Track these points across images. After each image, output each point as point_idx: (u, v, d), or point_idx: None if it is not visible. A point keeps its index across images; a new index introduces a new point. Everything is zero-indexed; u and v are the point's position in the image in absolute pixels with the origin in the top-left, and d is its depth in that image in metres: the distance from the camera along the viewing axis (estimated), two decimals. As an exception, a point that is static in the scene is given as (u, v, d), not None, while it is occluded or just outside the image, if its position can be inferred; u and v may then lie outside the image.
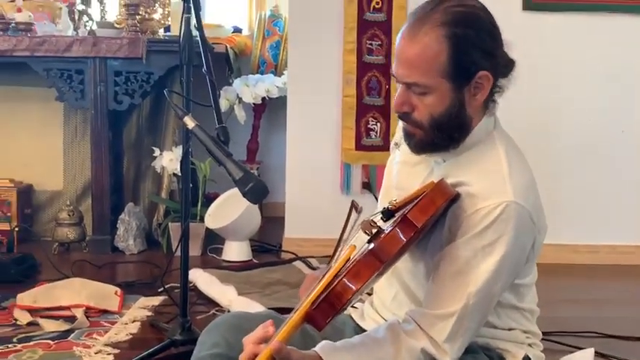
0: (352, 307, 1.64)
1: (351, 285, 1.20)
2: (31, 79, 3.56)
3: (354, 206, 1.38)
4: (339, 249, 1.38)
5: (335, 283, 1.21)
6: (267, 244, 3.56)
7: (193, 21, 2.01)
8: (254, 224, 3.36)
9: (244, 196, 1.58)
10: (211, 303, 2.64)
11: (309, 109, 3.43)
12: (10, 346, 2.17)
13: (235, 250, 3.31)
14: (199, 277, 2.77)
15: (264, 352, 1.20)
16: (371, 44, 3.37)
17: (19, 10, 3.45)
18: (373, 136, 3.42)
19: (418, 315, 1.34)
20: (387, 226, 1.30)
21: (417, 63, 1.31)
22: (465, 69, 1.32)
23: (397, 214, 1.33)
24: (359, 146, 3.42)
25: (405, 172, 1.51)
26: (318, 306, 1.21)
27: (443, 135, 1.35)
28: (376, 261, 1.21)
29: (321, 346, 1.30)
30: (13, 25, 3.39)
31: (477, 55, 1.32)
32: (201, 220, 3.33)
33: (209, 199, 3.47)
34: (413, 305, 1.45)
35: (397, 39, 1.36)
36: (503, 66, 1.36)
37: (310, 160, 3.45)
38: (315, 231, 3.39)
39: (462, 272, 1.31)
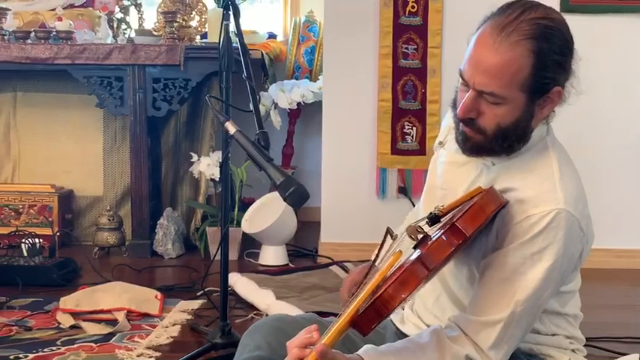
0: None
1: (398, 293, 1.20)
2: (72, 86, 3.64)
3: (389, 232, 1.37)
4: (370, 274, 1.35)
5: (382, 290, 1.21)
6: (303, 249, 3.57)
7: (232, 28, 2.03)
8: (290, 229, 3.38)
9: (285, 201, 1.59)
10: (249, 307, 2.66)
11: (344, 113, 3.43)
12: (53, 348, 2.21)
13: (272, 255, 3.33)
14: (237, 281, 2.79)
15: (310, 356, 1.21)
16: (407, 48, 3.37)
17: (60, 19, 3.53)
18: (409, 141, 3.41)
19: (463, 321, 1.33)
20: (433, 232, 1.29)
21: (499, 74, 1.28)
22: (544, 84, 1.30)
23: (443, 220, 1.32)
24: (394, 150, 3.42)
25: (451, 173, 1.49)
26: (364, 312, 1.22)
27: (503, 144, 1.33)
28: (424, 269, 1.21)
29: (365, 350, 1.31)
30: (54, 33, 3.46)
31: (556, 71, 1.30)
32: (238, 224, 3.36)
33: (245, 205, 3.50)
34: (455, 308, 1.44)
35: (474, 42, 1.32)
36: (569, 77, 1.35)
37: (346, 165, 3.45)
38: (351, 236, 3.40)
39: (509, 279, 1.29)
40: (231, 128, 1.65)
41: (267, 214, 3.30)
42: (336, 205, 3.46)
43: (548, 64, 1.29)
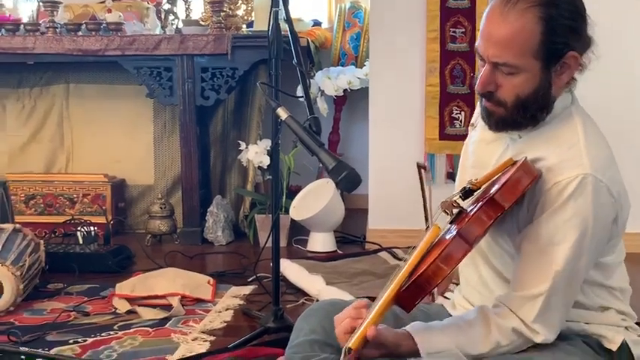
0: (444, 297, 1.64)
1: (441, 268, 1.22)
2: (122, 77, 3.71)
3: (420, 167, 1.44)
4: (429, 209, 1.41)
5: (424, 266, 1.23)
6: (351, 236, 3.57)
7: (282, 15, 2.03)
8: (338, 215, 3.38)
9: (337, 186, 1.59)
10: (300, 292, 2.68)
11: (391, 99, 3.42)
12: (111, 333, 2.26)
13: (320, 241, 3.35)
14: (287, 268, 2.81)
15: (358, 335, 1.23)
16: (454, 32, 3.32)
17: (109, 11, 3.60)
18: (457, 125, 3.37)
19: (505, 298, 1.35)
20: (468, 206, 1.31)
21: (510, 44, 1.30)
22: (556, 50, 1.31)
23: (476, 194, 1.34)
24: (443, 136, 3.39)
25: (480, 150, 1.50)
26: (407, 288, 1.24)
27: (526, 114, 1.35)
28: (464, 243, 1.23)
29: (412, 326, 1.34)
30: (104, 25, 3.53)
31: (567, 36, 1.31)
32: (286, 212, 3.38)
33: (292, 192, 3.52)
34: (499, 282, 1.45)
35: (485, 17, 1.34)
36: (586, 45, 1.35)
37: (393, 151, 3.43)
38: (398, 222, 3.38)
39: (544, 251, 1.30)
40: (283, 114, 1.66)
41: (315, 200, 3.32)
42: (384, 192, 3.45)
43: (559, 29, 1.29)
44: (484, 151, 1.48)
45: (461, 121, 3.37)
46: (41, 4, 3.64)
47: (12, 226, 2.60)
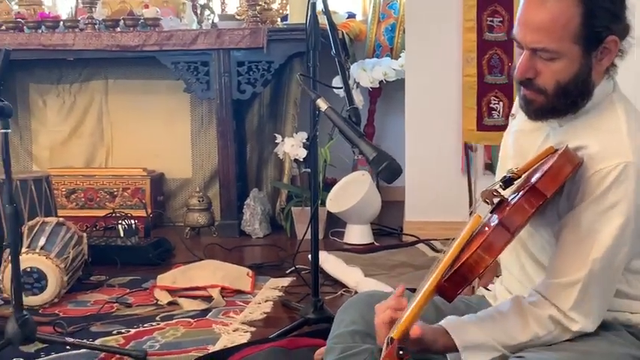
0: (485, 289, 1.63)
1: (483, 258, 1.21)
2: (160, 72, 3.75)
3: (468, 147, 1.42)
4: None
5: (466, 256, 1.22)
6: (388, 228, 3.56)
7: (319, 6, 2.03)
8: (375, 207, 3.38)
9: (378, 176, 1.60)
10: (338, 284, 2.68)
11: (427, 90, 3.39)
12: (153, 324, 2.30)
13: (357, 233, 3.35)
14: (325, 260, 2.82)
15: (400, 325, 1.23)
16: (492, 21, 3.28)
17: (147, 7, 3.64)
18: (495, 116, 3.34)
19: (541, 286, 1.34)
20: (509, 195, 1.29)
21: (549, 29, 1.28)
22: (596, 34, 1.29)
23: (517, 182, 1.32)
24: (480, 126, 3.35)
25: (520, 140, 1.48)
26: (449, 278, 1.24)
27: (566, 101, 1.32)
28: (506, 232, 1.22)
29: (447, 320, 1.33)
30: (141, 21, 3.57)
31: (607, 20, 1.28)
32: (323, 204, 3.38)
33: (328, 185, 3.53)
34: (540, 272, 1.42)
35: (522, 3, 1.32)
36: (626, 30, 1.32)
37: (430, 143, 3.41)
38: (436, 214, 3.36)
39: (583, 239, 1.28)
40: (323, 105, 1.67)
41: (351, 193, 3.32)
42: (421, 184, 3.43)
43: (598, 13, 1.27)
44: (524, 142, 1.46)
45: (499, 112, 3.33)
46: (79, 1, 3.70)
47: (55, 220, 2.65)
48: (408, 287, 2.15)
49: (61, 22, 3.64)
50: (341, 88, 1.86)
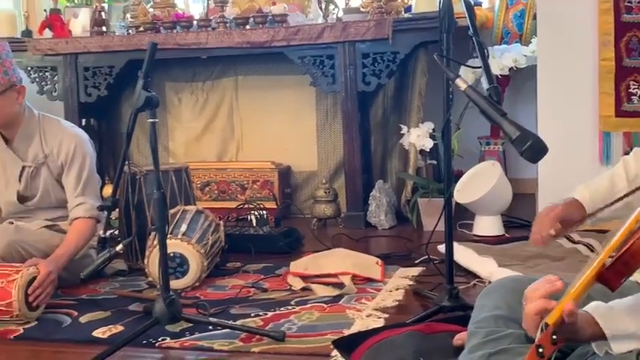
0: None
1: None
2: (286, 67, 3.85)
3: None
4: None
5: (630, 242, 1.16)
6: (520, 219, 3.45)
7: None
8: (505, 198, 3.29)
9: (522, 156, 1.55)
10: (470, 274, 2.63)
11: (561, 76, 3.25)
12: (289, 307, 2.36)
13: (487, 225, 3.27)
14: (456, 250, 2.74)
15: (556, 311, 1.18)
16: (630, 2, 3.10)
17: (274, 4, 3.73)
18: (635, 101, 3.15)
19: None
20: None
21: None
22: None
23: None
24: (619, 113, 3.17)
25: None
26: (611, 266, 1.18)
27: None
28: None
29: (595, 307, 1.26)
30: (270, 17, 3.67)
31: None
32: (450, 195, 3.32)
33: (454, 176, 3.46)
34: None
35: None
36: None
37: (564, 131, 3.26)
38: (571, 205, 3.21)
39: None
40: (462, 84, 1.64)
41: (479, 183, 3.25)
42: (555, 174, 3.29)
43: None
44: None
45: (639, 97, 3.15)
46: (211, 1, 3.86)
47: (195, 208, 2.78)
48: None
49: (195, 22, 3.81)
50: (479, 67, 1.83)
